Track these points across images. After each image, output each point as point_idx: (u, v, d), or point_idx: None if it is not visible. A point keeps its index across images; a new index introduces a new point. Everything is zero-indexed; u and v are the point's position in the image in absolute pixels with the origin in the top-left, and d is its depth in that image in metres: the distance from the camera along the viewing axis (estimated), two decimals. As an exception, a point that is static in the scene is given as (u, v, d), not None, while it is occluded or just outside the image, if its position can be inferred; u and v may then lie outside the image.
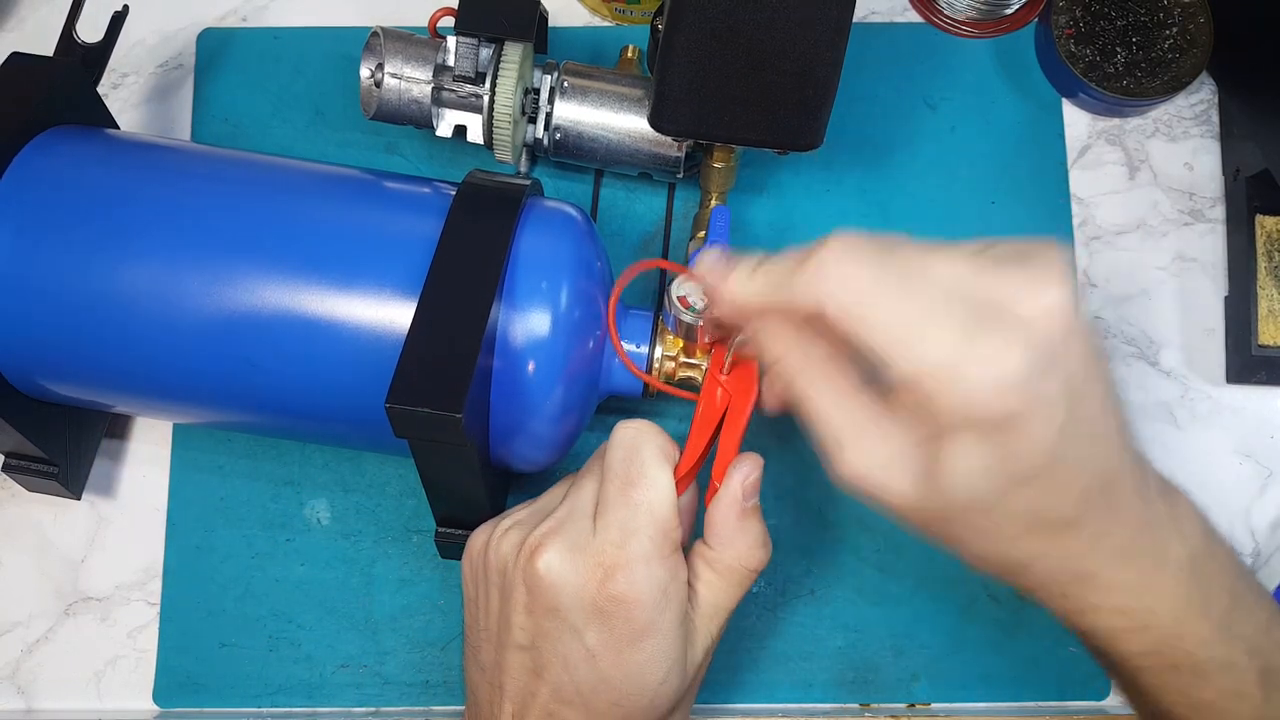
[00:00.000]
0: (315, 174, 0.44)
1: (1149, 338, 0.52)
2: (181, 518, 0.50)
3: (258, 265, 0.40)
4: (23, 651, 0.49)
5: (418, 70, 0.48)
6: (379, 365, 0.39)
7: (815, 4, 0.42)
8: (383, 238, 0.42)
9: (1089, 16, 0.53)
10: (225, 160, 0.44)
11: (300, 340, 0.40)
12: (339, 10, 0.56)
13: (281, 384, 0.41)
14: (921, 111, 0.55)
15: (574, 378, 0.42)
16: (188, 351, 0.41)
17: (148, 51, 0.55)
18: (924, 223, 0.53)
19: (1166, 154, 0.54)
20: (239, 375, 0.41)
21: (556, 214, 0.43)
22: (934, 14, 0.55)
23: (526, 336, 0.40)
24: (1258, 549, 0.50)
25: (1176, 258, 0.53)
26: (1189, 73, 0.52)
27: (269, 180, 0.43)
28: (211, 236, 0.41)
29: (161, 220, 0.41)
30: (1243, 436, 0.52)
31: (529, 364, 0.40)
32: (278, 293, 0.40)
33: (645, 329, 0.44)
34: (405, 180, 0.45)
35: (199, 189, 0.42)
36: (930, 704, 0.48)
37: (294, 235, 0.41)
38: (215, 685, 0.48)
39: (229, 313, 0.40)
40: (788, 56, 0.43)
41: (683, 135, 0.46)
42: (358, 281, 0.40)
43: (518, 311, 0.40)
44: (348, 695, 0.48)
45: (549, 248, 0.42)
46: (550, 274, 0.41)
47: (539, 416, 0.41)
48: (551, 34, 0.55)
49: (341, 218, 0.42)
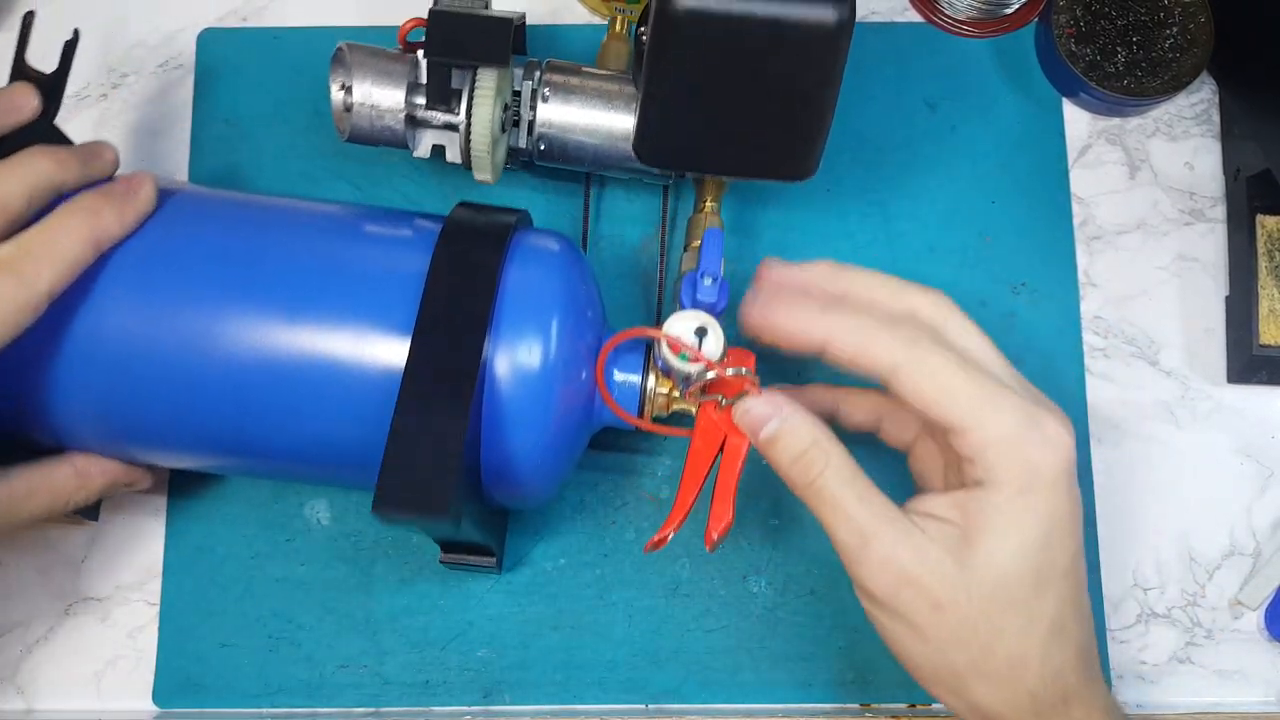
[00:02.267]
0: (292, 212, 0.43)
1: (1149, 337, 0.52)
2: (181, 518, 0.50)
3: (237, 309, 0.40)
4: (23, 651, 0.49)
5: (389, 90, 0.45)
6: (372, 410, 0.39)
7: (809, 40, 0.40)
8: (367, 282, 0.40)
9: (1089, 16, 0.53)
10: (202, 200, 0.43)
11: (284, 386, 0.40)
12: (339, 10, 0.56)
13: (266, 431, 0.40)
14: (921, 111, 0.54)
15: (566, 415, 0.41)
16: (161, 398, 0.40)
17: (148, 51, 0.55)
18: (924, 223, 0.53)
19: (1167, 153, 0.54)
20: (217, 423, 0.40)
21: (543, 249, 0.42)
22: (934, 14, 0.55)
23: (515, 378, 0.40)
24: (1258, 549, 0.50)
25: (1177, 257, 0.53)
26: (1189, 72, 0.52)
27: (247, 219, 0.42)
28: (188, 279, 0.40)
29: (131, 264, 0.40)
30: (1243, 436, 0.52)
31: (519, 405, 0.40)
32: (261, 339, 0.39)
33: (637, 360, 0.43)
34: (389, 219, 0.44)
35: (173, 230, 0.41)
36: (931, 704, 0.48)
37: (276, 279, 0.40)
38: (215, 685, 0.48)
39: (209, 358, 0.39)
40: (779, 94, 0.41)
41: (667, 168, 0.45)
42: (344, 325, 0.40)
43: (506, 351, 0.40)
44: (348, 695, 0.48)
45: (536, 284, 0.41)
46: (537, 313, 0.40)
47: (530, 457, 0.41)
48: (551, 33, 0.55)
49: (325, 261, 0.41)
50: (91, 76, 0.55)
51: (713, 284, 0.42)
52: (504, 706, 0.48)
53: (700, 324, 0.41)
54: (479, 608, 0.49)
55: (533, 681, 0.49)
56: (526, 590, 0.49)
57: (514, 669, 0.49)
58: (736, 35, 0.39)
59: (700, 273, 0.42)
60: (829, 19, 0.39)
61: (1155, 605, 0.50)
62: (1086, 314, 0.52)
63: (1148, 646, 0.50)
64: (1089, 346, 0.52)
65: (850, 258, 0.52)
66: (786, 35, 0.39)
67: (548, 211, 0.53)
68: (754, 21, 0.39)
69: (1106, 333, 0.52)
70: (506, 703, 0.48)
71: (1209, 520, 0.51)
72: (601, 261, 0.53)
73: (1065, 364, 0.52)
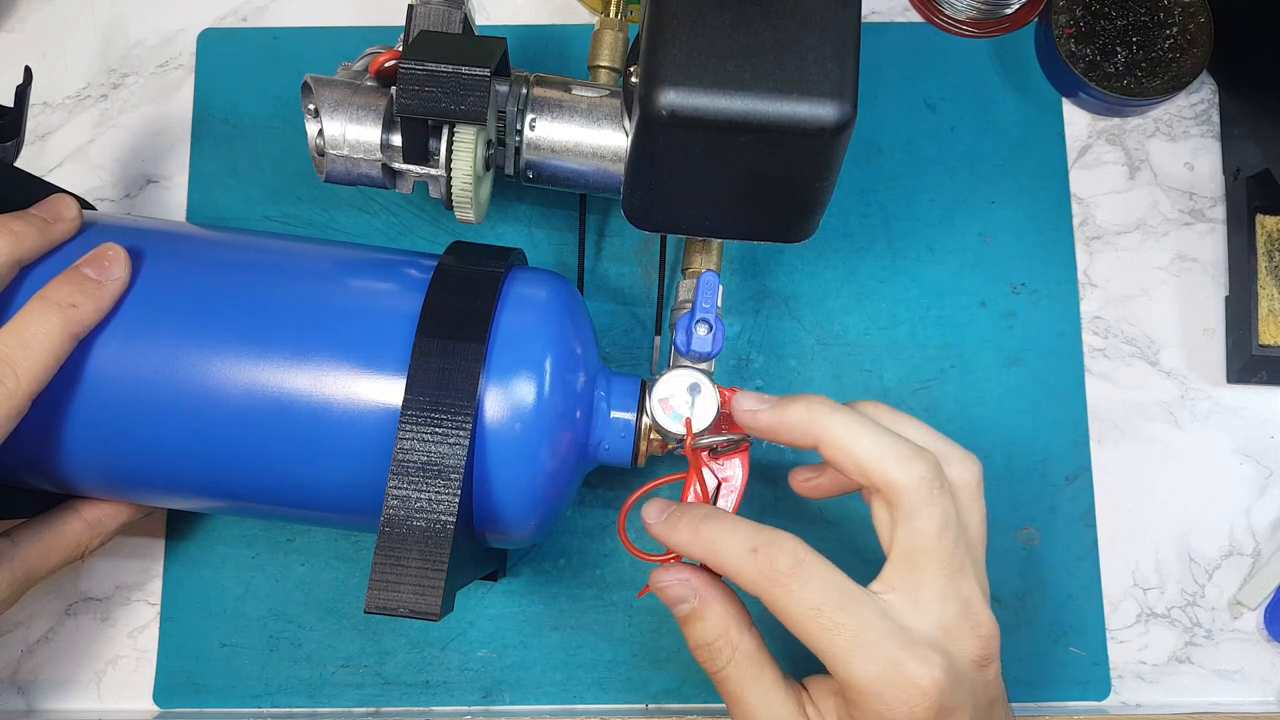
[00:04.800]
0: (282, 255, 0.42)
1: (1149, 337, 0.52)
2: (182, 517, 0.50)
3: (229, 355, 0.39)
4: (23, 652, 0.49)
5: (364, 132, 0.41)
6: (370, 456, 0.38)
7: (805, 141, 0.36)
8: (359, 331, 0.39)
9: (1089, 16, 0.53)
10: (191, 241, 0.42)
11: (279, 431, 0.39)
12: (339, 10, 0.56)
13: (262, 475, 0.40)
14: (921, 111, 0.54)
15: (559, 460, 0.40)
16: (159, 446, 0.39)
17: (147, 52, 0.55)
18: (924, 223, 0.53)
19: (1167, 154, 0.54)
20: (216, 469, 0.40)
21: (537, 293, 0.41)
22: (934, 14, 0.55)
23: (506, 429, 0.38)
24: (1258, 549, 0.50)
25: (1177, 257, 0.53)
26: (1189, 72, 0.52)
27: (237, 263, 0.41)
28: (174, 323, 0.39)
29: (127, 312, 0.39)
30: (1243, 437, 0.52)
31: (511, 453, 0.38)
32: (256, 384, 0.39)
33: (632, 396, 0.42)
34: (381, 262, 0.42)
35: (167, 276, 0.40)
36: (930, 704, 0.48)
37: (266, 325, 0.39)
38: (215, 685, 0.48)
39: (201, 401, 0.39)
40: (774, 181, 0.38)
41: (657, 231, 0.43)
42: (338, 370, 0.39)
43: (498, 396, 0.38)
44: (348, 695, 0.48)
45: (528, 332, 0.40)
46: (529, 364, 0.39)
47: (522, 504, 0.40)
48: (551, 32, 0.55)
49: (316, 307, 0.40)
50: (91, 77, 0.55)
51: (708, 333, 0.41)
52: (504, 706, 0.48)
53: (693, 381, 0.40)
54: (479, 608, 0.49)
55: (533, 681, 0.49)
56: (526, 590, 0.49)
57: (514, 669, 0.49)
58: (726, 135, 0.36)
59: (694, 319, 0.41)
60: (827, 118, 0.35)
61: (1155, 605, 0.50)
62: (1086, 314, 0.52)
63: (1147, 646, 0.50)
64: (1089, 347, 0.52)
65: (850, 258, 0.53)
66: (781, 136, 0.35)
67: (543, 232, 0.53)
68: (744, 123, 0.35)
69: (1106, 333, 0.52)
70: (506, 703, 0.48)
71: (1208, 520, 0.51)
72: (600, 278, 0.52)
73: (1065, 364, 0.52)
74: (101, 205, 0.53)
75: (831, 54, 0.35)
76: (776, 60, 0.35)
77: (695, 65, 0.35)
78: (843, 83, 0.35)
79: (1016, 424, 0.51)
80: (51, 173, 0.54)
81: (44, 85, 0.55)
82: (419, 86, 0.39)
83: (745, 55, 0.35)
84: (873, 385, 0.51)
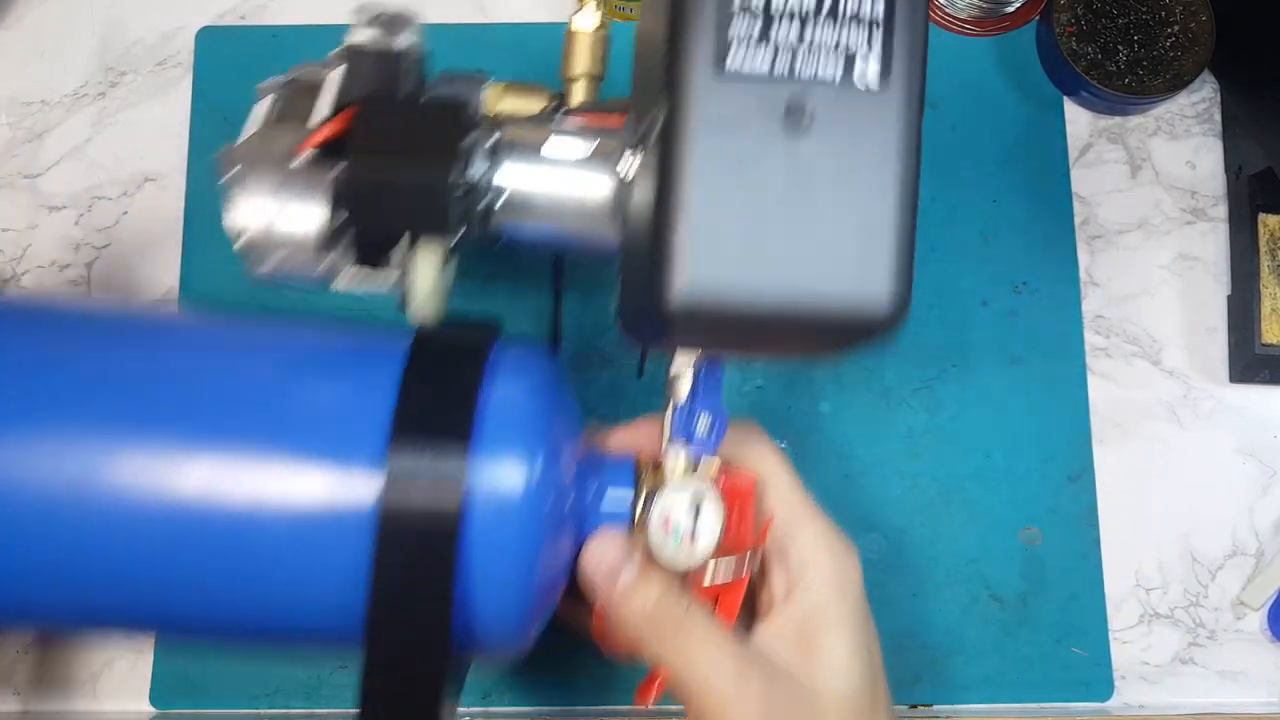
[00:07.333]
0: (241, 335, 0.36)
1: (1151, 337, 0.52)
2: (179, 518, 0.50)
3: (167, 455, 0.32)
4: (19, 652, 0.49)
5: (297, 220, 0.33)
6: (341, 564, 0.32)
7: (848, 331, 0.28)
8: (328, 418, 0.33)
9: (1090, 14, 0.53)
10: (142, 321, 0.36)
11: (222, 544, 0.32)
12: (338, 9, 0.56)
13: (208, 598, 0.33)
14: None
15: (550, 555, 0.35)
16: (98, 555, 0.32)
17: (146, 50, 0.55)
18: (924, 222, 0.53)
19: (1168, 152, 0.54)
20: (161, 584, 0.33)
21: (520, 377, 0.35)
22: (934, 12, 0.55)
23: (489, 547, 0.33)
24: (1260, 549, 0.50)
25: (1179, 256, 0.53)
26: (1191, 71, 0.52)
27: (183, 343, 0.35)
28: (119, 411, 0.32)
29: (47, 399, 0.32)
30: (1246, 436, 0.51)
31: (499, 551, 0.33)
32: (195, 486, 0.32)
33: (627, 472, 0.37)
34: (350, 342, 0.36)
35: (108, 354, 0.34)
36: (932, 705, 0.48)
37: (232, 410, 0.33)
38: (212, 686, 0.48)
39: (141, 507, 0.32)
40: (810, 356, 0.34)
41: (665, 351, 0.36)
42: (308, 465, 0.33)
43: (484, 480, 0.33)
44: (347, 695, 0.48)
45: (513, 416, 0.34)
46: (520, 448, 0.33)
47: (509, 616, 0.34)
48: (550, 32, 0.55)
49: (284, 395, 0.34)
50: (89, 75, 0.55)
51: (709, 432, 0.35)
52: (504, 707, 0.48)
53: (697, 498, 0.34)
54: (478, 608, 0.49)
55: (532, 682, 0.48)
56: (526, 590, 0.49)
57: (514, 669, 0.48)
58: (754, 327, 0.28)
59: (696, 411, 0.35)
60: (879, 309, 0.27)
61: (1158, 605, 0.50)
62: (1088, 313, 0.52)
63: (1150, 647, 0.49)
64: (1090, 346, 0.52)
65: (851, 257, 0.52)
66: (820, 327, 0.28)
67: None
68: (776, 319, 0.27)
69: (1108, 332, 0.52)
70: (506, 703, 0.48)
71: (1211, 520, 0.51)
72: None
73: (1066, 363, 0.52)
74: (99, 204, 0.53)
75: (883, 226, 0.28)
76: (814, 234, 0.27)
77: (720, 242, 0.27)
78: (898, 263, 0.28)
79: (1018, 423, 0.51)
80: (49, 171, 0.54)
81: (42, 83, 0.54)
82: (372, 199, 0.32)
83: (780, 225, 0.27)
84: (873, 384, 0.51)
